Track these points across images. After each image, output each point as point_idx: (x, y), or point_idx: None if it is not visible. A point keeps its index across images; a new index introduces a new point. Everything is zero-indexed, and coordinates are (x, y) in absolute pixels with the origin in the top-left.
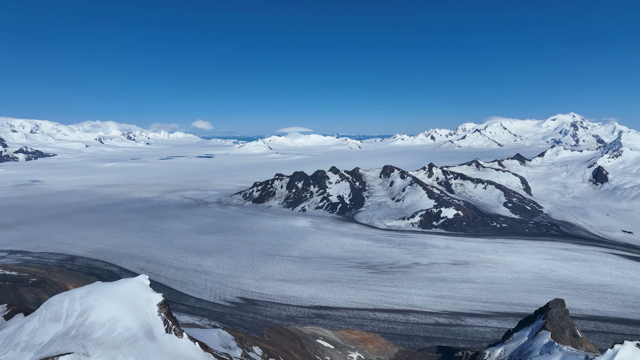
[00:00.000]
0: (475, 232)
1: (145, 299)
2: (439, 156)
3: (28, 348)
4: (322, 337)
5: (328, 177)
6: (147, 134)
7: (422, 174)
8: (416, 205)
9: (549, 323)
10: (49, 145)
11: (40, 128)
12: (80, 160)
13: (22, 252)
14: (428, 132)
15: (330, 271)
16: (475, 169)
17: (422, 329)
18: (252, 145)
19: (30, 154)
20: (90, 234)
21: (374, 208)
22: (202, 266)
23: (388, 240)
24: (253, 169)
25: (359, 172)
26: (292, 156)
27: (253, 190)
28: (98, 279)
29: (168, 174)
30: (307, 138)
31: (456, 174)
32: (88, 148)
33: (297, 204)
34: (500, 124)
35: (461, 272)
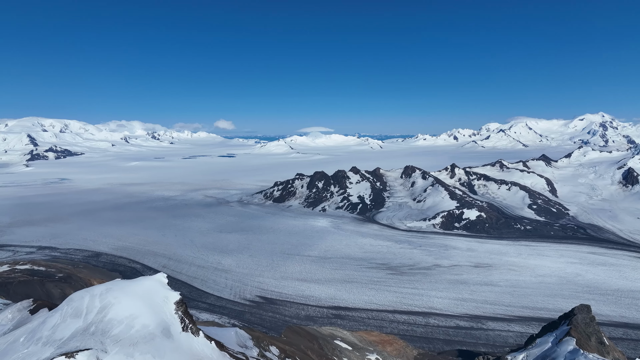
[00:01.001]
0: (498, 234)
1: (162, 297)
2: (461, 157)
3: (49, 343)
4: (340, 338)
5: (349, 177)
6: (171, 134)
7: (444, 174)
8: (438, 206)
9: (574, 329)
10: (77, 145)
11: (69, 128)
12: (107, 159)
13: (50, 248)
14: (451, 132)
15: (349, 271)
16: (499, 169)
17: (442, 331)
18: (274, 145)
19: (59, 152)
20: (114, 231)
21: (395, 209)
22: (222, 264)
23: (409, 242)
24: (274, 169)
25: (380, 172)
26: (313, 156)
27: (274, 190)
28: (122, 275)
29: (190, 172)
30: (328, 138)
31: (479, 175)
32: (114, 147)
33: (318, 203)
34: (525, 124)
35: (483, 275)
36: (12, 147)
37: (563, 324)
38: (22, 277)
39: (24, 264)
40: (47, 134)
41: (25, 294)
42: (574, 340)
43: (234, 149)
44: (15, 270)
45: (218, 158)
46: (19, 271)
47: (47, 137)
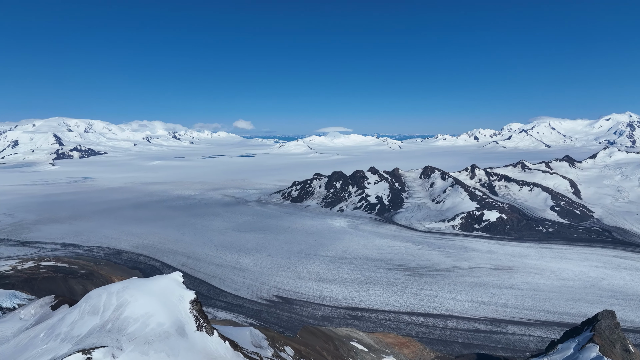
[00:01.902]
0: (520, 237)
1: (178, 295)
2: (482, 157)
3: (67, 339)
4: (357, 340)
5: (367, 178)
6: (192, 134)
7: (464, 175)
8: (457, 207)
9: (598, 336)
10: (100, 144)
11: (93, 127)
12: (129, 159)
13: (73, 245)
14: (471, 133)
15: (366, 272)
16: (521, 170)
17: (461, 335)
18: (292, 145)
19: (83, 152)
20: (135, 229)
21: (413, 209)
22: (240, 264)
23: (427, 243)
24: (292, 169)
25: (399, 172)
26: (332, 156)
27: (292, 190)
28: (142, 273)
29: (210, 172)
30: (346, 138)
31: (500, 176)
32: (136, 147)
33: (335, 204)
34: (548, 124)
35: (503, 278)
36: (39, 146)
37: (586, 329)
38: (47, 273)
39: (48, 261)
40: (72, 134)
41: (48, 290)
42: (597, 347)
43: (252, 148)
44: (40, 267)
45: (237, 158)
46: (43, 267)
47: (72, 137)
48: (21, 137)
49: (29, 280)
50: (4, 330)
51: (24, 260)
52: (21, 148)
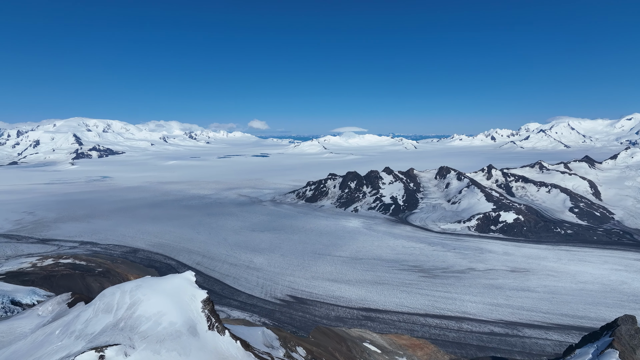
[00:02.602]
0: (537, 238)
1: (190, 295)
2: (499, 157)
3: (81, 337)
4: (369, 341)
5: (381, 178)
6: (207, 134)
7: (480, 175)
8: (473, 208)
9: (617, 341)
10: (118, 144)
11: (111, 127)
12: (146, 158)
13: (91, 243)
14: (488, 133)
15: (380, 273)
16: (539, 171)
17: (476, 337)
18: (307, 145)
19: (102, 151)
20: (151, 228)
21: (429, 210)
22: (254, 263)
23: (442, 244)
24: (307, 169)
25: (414, 173)
26: (346, 156)
27: (306, 190)
28: (157, 271)
29: (225, 172)
30: (361, 138)
31: (517, 177)
32: (153, 146)
33: (350, 204)
34: (567, 124)
35: (520, 280)
36: (59, 146)
37: (605, 334)
38: (65, 270)
39: (67, 258)
40: (91, 134)
41: (67, 287)
42: (616, 353)
43: (267, 148)
44: (59, 264)
45: (252, 158)
46: (62, 265)
47: (91, 137)
48: (42, 137)
49: (48, 277)
50: (23, 326)
51: (43, 258)
52: (42, 148)
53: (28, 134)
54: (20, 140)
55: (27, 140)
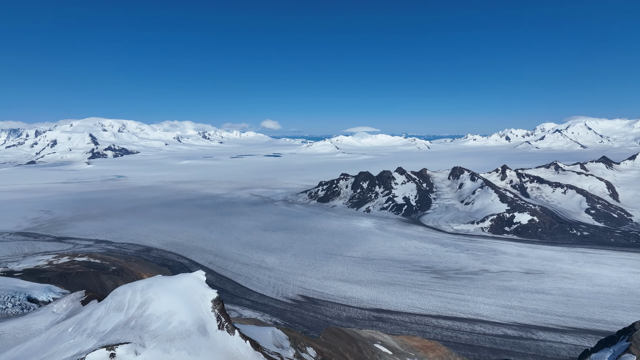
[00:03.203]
0: (552, 240)
1: (200, 294)
2: (513, 158)
3: (93, 335)
4: (381, 342)
5: (394, 178)
6: (221, 134)
7: (494, 176)
8: (487, 209)
9: (635, 346)
10: (133, 144)
11: (126, 127)
12: (160, 158)
13: (106, 242)
14: (502, 133)
15: (392, 274)
16: (554, 172)
17: (489, 340)
18: (320, 145)
19: (117, 151)
20: (165, 227)
21: (441, 211)
22: (266, 263)
23: (455, 245)
24: (319, 168)
25: (427, 173)
26: (359, 156)
27: (318, 190)
28: (170, 270)
29: (238, 171)
30: (374, 138)
31: (532, 177)
32: (167, 146)
33: (362, 204)
34: (584, 124)
35: (534, 282)
36: (76, 145)
37: (622, 339)
38: (80, 268)
39: (82, 256)
40: (107, 134)
41: (81, 285)
42: (634, 358)
43: (280, 148)
44: (74, 262)
45: (264, 157)
46: (77, 263)
47: (107, 137)
48: (59, 136)
49: (63, 275)
50: (38, 323)
51: (59, 256)
52: (59, 147)
53: (46, 133)
54: (39, 140)
55: (45, 140)
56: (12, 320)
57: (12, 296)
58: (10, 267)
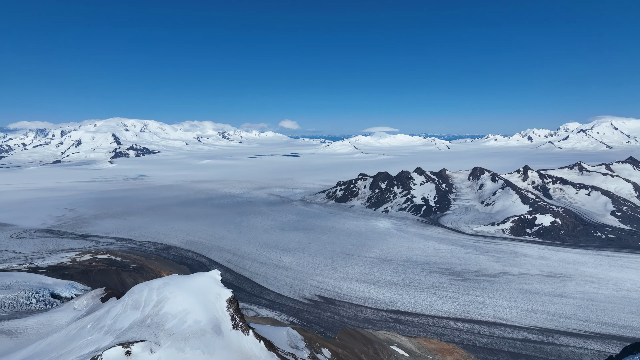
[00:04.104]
0: (575, 243)
1: (215, 293)
2: (536, 158)
3: (110, 332)
4: (397, 344)
5: (413, 178)
6: (240, 133)
7: (515, 177)
8: (508, 210)
9: None
10: (154, 143)
11: (148, 127)
12: (180, 157)
13: (127, 240)
14: (524, 133)
15: (410, 275)
16: (578, 173)
17: (509, 344)
18: (338, 145)
19: (139, 150)
20: (184, 226)
21: (461, 212)
22: (283, 262)
23: (475, 247)
24: (337, 168)
25: (446, 173)
26: (377, 156)
27: (336, 190)
28: (189, 268)
29: (256, 171)
30: (393, 138)
31: (555, 178)
32: (187, 146)
33: (380, 204)
34: (610, 124)
35: (556, 286)
36: (99, 145)
37: None
38: (102, 266)
39: (103, 254)
40: (129, 134)
41: (103, 282)
42: None
43: (298, 148)
44: (96, 259)
45: (283, 157)
46: (99, 260)
47: (129, 137)
48: (84, 136)
49: (85, 272)
50: (60, 319)
51: (82, 253)
52: (83, 147)
53: (71, 133)
54: (64, 140)
55: (70, 140)
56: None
57: (37, 292)
58: (36, 263)
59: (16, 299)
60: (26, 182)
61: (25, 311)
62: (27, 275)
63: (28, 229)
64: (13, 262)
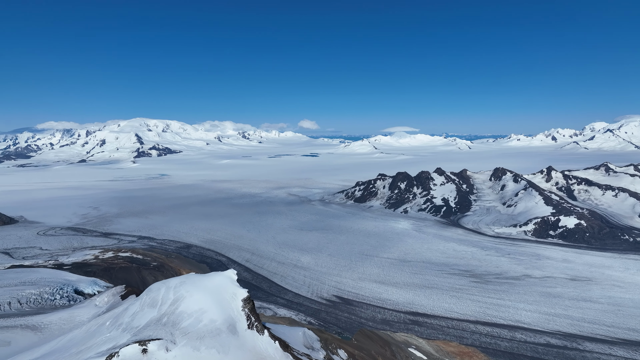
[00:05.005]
0: (601, 246)
1: (231, 293)
2: (560, 159)
3: (127, 330)
4: (415, 346)
5: (432, 179)
6: (260, 133)
7: (538, 177)
8: (530, 211)
9: None
10: (176, 143)
11: (170, 127)
12: (201, 157)
13: (148, 238)
14: (548, 132)
15: (429, 277)
16: (604, 174)
17: (530, 348)
18: (357, 145)
19: (161, 150)
20: (204, 224)
21: (482, 213)
22: (301, 262)
23: (496, 248)
24: (356, 168)
25: (467, 174)
26: (397, 156)
27: (355, 190)
28: (209, 267)
29: (275, 171)
30: (413, 138)
31: (580, 179)
32: (208, 146)
33: (399, 205)
34: (639, 123)
35: (581, 290)
36: (123, 145)
37: None
38: (123, 263)
39: (125, 252)
40: (151, 133)
41: (124, 279)
42: None
43: (318, 148)
44: (118, 257)
45: (302, 157)
46: (121, 258)
47: (151, 136)
48: (108, 136)
49: (108, 269)
50: (81, 315)
51: (105, 251)
52: (108, 146)
53: (96, 133)
54: (89, 140)
55: (95, 140)
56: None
57: (61, 288)
58: (61, 260)
59: (41, 294)
60: (53, 181)
61: (49, 307)
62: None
63: (54, 227)
64: (40, 259)
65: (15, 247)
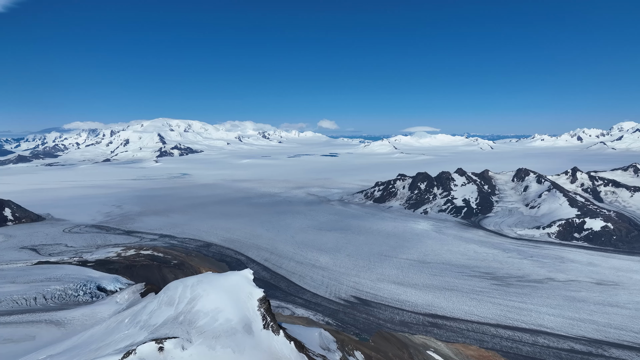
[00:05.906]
0: (629, 249)
1: (247, 293)
2: (586, 159)
3: (145, 327)
4: (434, 349)
5: (453, 179)
6: (280, 133)
7: (563, 179)
8: (554, 213)
9: None
10: (197, 143)
11: (191, 127)
12: (222, 157)
13: (169, 237)
14: (574, 132)
15: (449, 279)
16: (633, 175)
17: (553, 353)
18: (377, 145)
19: (182, 150)
20: (224, 224)
21: (504, 214)
22: (320, 262)
23: (518, 251)
24: (376, 169)
25: (489, 174)
26: (417, 156)
27: (374, 190)
28: (228, 266)
29: (295, 171)
30: (433, 138)
31: (607, 180)
32: (229, 146)
33: (419, 205)
34: None
35: (607, 294)
36: (146, 144)
37: None
38: (145, 261)
39: (147, 250)
40: (174, 133)
41: (145, 277)
42: None
43: (337, 148)
44: (140, 255)
45: (321, 157)
46: (142, 256)
47: (173, 136)
48: (131, 136)
49: (129, 267)
50: (103, 312)
51: (127, 248)
52: (131, 146)
53: (119, 133)
54: (113, 140)
55: (119, 140)
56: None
57: (84, 285)
58: (85, 257)
59: (65, 290)
60: (78, 180)
61: (73, 303)
62: (77, 268)
63: (79, 224)
64: (65, 256)
65: (42, 243)
